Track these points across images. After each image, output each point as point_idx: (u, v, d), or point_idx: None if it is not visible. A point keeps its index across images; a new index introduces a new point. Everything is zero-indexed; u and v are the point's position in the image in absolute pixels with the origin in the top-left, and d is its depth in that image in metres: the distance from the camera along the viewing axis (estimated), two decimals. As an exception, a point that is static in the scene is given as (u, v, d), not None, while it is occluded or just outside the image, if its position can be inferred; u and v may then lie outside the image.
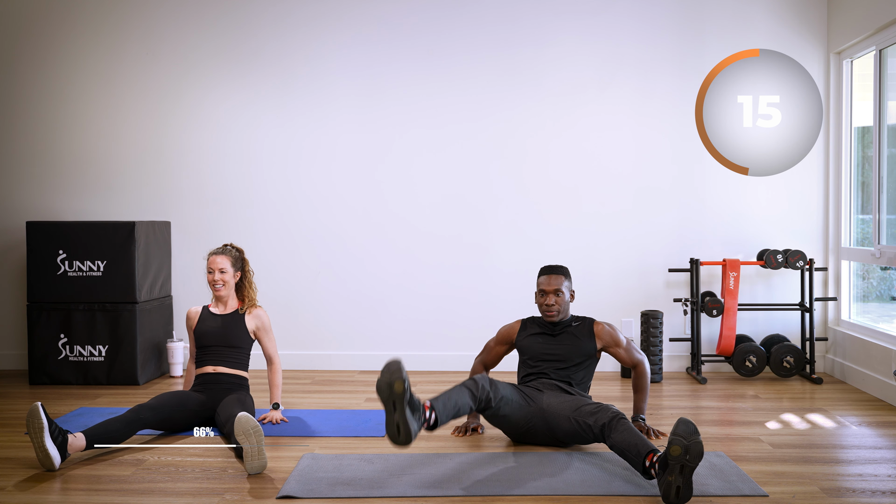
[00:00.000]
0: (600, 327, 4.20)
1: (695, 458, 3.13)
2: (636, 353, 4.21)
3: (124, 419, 3.90)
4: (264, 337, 4.48)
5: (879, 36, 5.24)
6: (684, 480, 3.15)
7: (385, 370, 3.29)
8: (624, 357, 4.19)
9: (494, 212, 5.95)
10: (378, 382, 3.29)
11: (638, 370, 4.19)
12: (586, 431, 3.72)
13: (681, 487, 3.16)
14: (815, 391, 5.25)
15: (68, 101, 6.06)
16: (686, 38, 5.86)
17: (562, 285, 4.17)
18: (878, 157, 5.35)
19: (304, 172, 6.00)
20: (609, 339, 4.19)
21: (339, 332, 6.01)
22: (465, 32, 5.93)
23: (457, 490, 3.36)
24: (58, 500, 3.32)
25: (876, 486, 3.44)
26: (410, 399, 3.30)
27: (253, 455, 3.56)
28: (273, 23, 5.97)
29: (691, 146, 5.77)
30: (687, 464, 3.14)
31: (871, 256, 5.39)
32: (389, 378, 3.26)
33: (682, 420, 3.20)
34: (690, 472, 3.15)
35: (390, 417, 3.28)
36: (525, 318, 4.36)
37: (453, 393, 3.63)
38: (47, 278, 5.54)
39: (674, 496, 3.17)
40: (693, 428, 3.17)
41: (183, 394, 4.25)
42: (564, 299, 4.18)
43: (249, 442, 3.56)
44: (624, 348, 4.19)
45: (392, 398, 3.25)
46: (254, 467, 3.56)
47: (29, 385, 5.52)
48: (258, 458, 3.56)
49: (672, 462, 3.15)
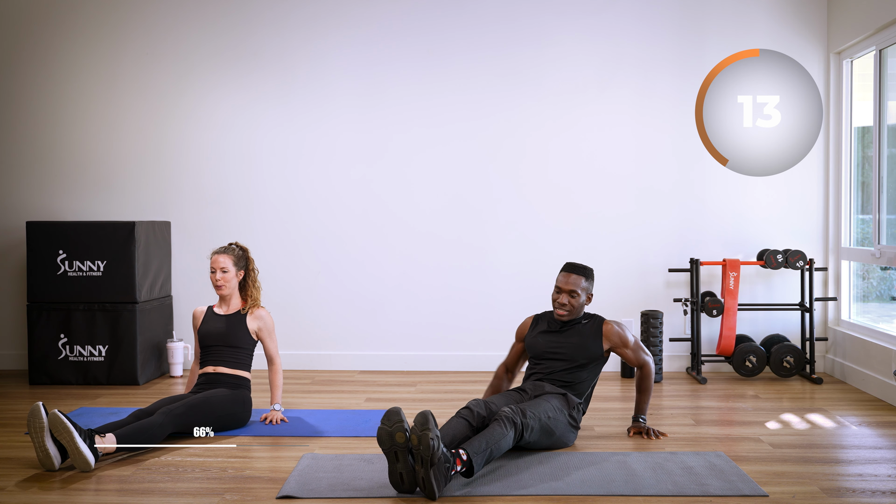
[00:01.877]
0: (609, 327, 4.15)
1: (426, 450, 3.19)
2: (643, 354, 4.16)
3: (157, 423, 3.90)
4: (266, 338, 4.48)
5: (879, 36, 5.24)
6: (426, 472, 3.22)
7: (385, 419, 3.27)
8: (630, 357, 4.16)
9: (493, 213, 5.95)
10: (379, 432, 3.26)
11: (644, 371, 4.15)
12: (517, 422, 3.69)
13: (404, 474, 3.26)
14: (815, 391, 5.25)
15: (68, 101, 6.06)
16: (686, 38, 5.86)
17: (578, 286, 4.10)
18: (878, 157, 5.35)
19: (304, 172, 6.00)
20: (617, 339, 4.14)
21: (339, 332, 6.01)
22: (465, 32, 5.93)
23: (457, 490, 3.36)
24: (58, 499, 3.32)
25: (876, 486, 3.44)
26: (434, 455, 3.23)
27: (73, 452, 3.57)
28: (273, 23, 5.97)
29: (691, 146, 5.77)
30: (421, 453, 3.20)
31: (871, 256, 5.39)
32: (390, 428, 3.24)
33: (418, 414, 3.26)
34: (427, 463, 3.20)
35: (393, 467, 3.28)
36: (538, 313, 4.34)
37: (450, 429, 3.63)
38: (47, 278, 5.54)
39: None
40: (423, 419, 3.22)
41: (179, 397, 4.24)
42: (579, 301, 4.12)
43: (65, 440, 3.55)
44: (631, 348, 4.15)
45: (394, 448, 3.25)
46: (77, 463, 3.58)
47: (29, 385, 5.52)
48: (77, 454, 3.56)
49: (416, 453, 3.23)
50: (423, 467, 3.21)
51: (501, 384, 4.34)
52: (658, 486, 3.37)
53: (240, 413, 4.27)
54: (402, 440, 3.22)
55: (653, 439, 4.08)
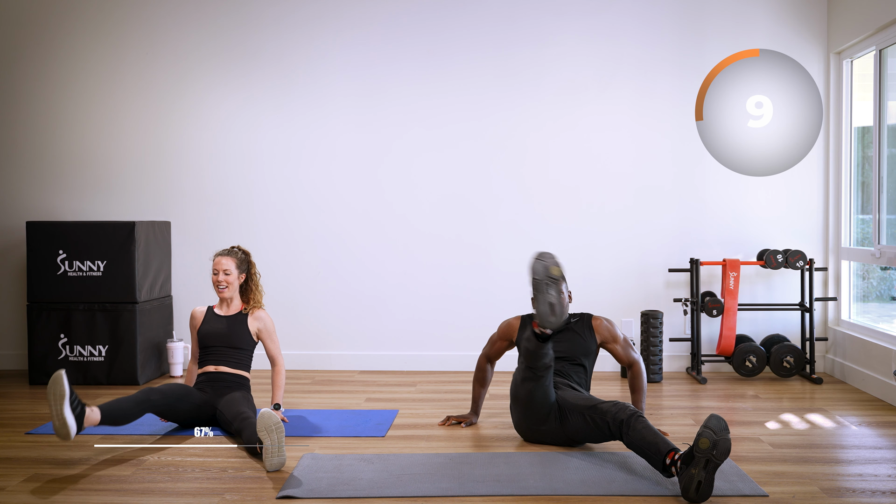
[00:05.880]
0: (599, 322, 4.23)
1: (722, 454, 3.13)
2: (632, 352, 4.23)
3: (134, 399, 3.97)
4: (267, 339, 4.49)
5: (879, 36, 5.24)
6: (707, 476, 3.15)
7: (539, 258, 3.72)
8: (620, 354, 4.22)
9: (494, 211, 5.95)
10: (534, 265, 3.70)
11: (634, 369, 4.20)
12: (601, 428, 3.69)
13: (702, 483, 3.16)
14: (815, 391, 5.25)
15: (68, 101, 6.06)
16: (686, 38, 5.86)
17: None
18: (878, 157, 5.35)
19: (305, 172, 6.00)
20: (607, 333, 4.21)
21: (340, 331, 6.01)
22: (465, 32, 5.93)
23: (457, 490, 3.36)
24: (58, 499, 3.32)
25: (876, 486, 3.44)
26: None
27: (273, 452, 3.58)
28: (273, 23, 5.98)
29: (691, 146, 5.77)
30: (713, 459, 3.14)
31: (871, 256, 5.39)
32: (546, 263, 3.67)
33: (713, 415, 3.22)
34: (715, 468, 3.15)
35: (542, 296, 3.63)
36: (524, 314, 4.36)
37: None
38: (47, 278, 5.54)
39: (693, 491, 3.17)
40: (724, 424, 3.18)
41: (189, 387, 4.30)
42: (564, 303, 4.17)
43: (271, 439, 3.58)
44: (621, 345, 4.22)
45: (547, 278, 3.63)
46: (273, 464, 3.58)
47: (29, 385, 5.53)
48: (278, 454, 3.59)
49: (698, 455, 3.16)
50: (706, 471, 3.18)
51: (487, 375, 4.39)
52: (658, 486, 3.37)
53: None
54: (557, 274, 3.66)
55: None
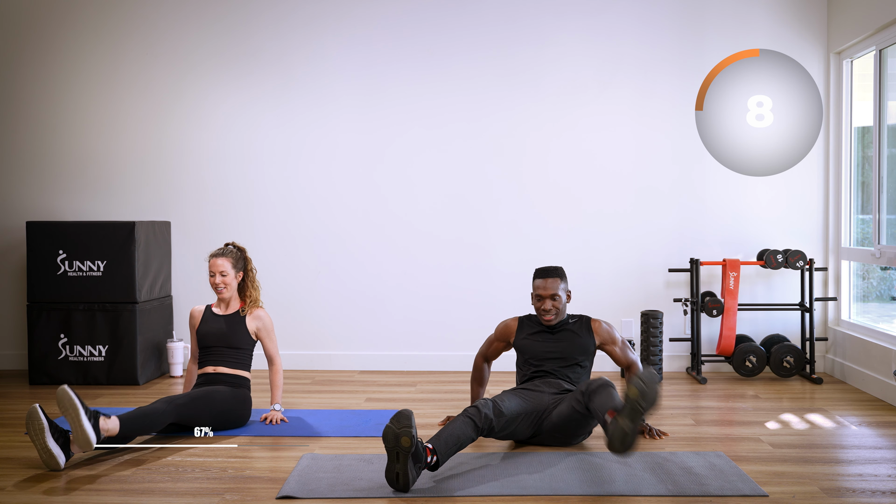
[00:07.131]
0: (598, 324, 4.23)
1: (648, 404, 3.15)
2: (630, 353, 4.24)
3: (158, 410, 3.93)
4: (265, 338, 4.48)
5: (879, 36, 5.24)
6: (632, 427, 3.16)
7: (395, 420, 3.30)
8: (619, 355, 4.23)
9: (494, 212, 5.95)
10: (385, 430, 3.29)
11: (632, 371, 4.20)
12: (579, 406, 3.74)
13: (628, 433, 3.15)
14: (815, 391, 5.25)
15: (68, 101, 6.06)
16: (686, 38, 5.86)
17: (558, 289, 4.16)
18: (878, 157, 5.35)
19: (304, 172, 6.00)
20: (606, 335, 4.22)
21: (339, 332, 6.01)
22: (465, 32, 5.93)
23: (457, 490, 3.36)
24: (58, 499, 3.32)
25: (876, 486, 3.44)
26: (415, 451, 3.30)
27: (77, 434, 3.58)
28: (273, 23, 5.98)
29: (691, 146, 5.77)
30: (639, 407, 3.15)
31: (871, 256, 5.39)
32: (398, 430, 3.27)
33: (648, 368, 3.29)
34: (639, 416, 3.16)
35: (391, 465, 3.30)
36: (522, 315, 4.36)
37: (455, 428, 3.58)
38: (47, 278, 5.54)
39: (618, 441, 3.19)
40: (656, 377, 3.24)
41: None
42: (562, 302, 4.18)
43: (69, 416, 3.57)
44: (619, 346, 4.23)
45: (396, 449, 3.27)
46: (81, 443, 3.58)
47: (29, 385, 5.53)
48: (81, 432, 3.57)
49: (625, 405, 3.20)
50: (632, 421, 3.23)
51: (484, 375, 4.38)
52: (658, 486, 3.37)
53: (240, 411, 4.28)
54: (406, 445, 3.24)
55: (655, 438, 4.08)
